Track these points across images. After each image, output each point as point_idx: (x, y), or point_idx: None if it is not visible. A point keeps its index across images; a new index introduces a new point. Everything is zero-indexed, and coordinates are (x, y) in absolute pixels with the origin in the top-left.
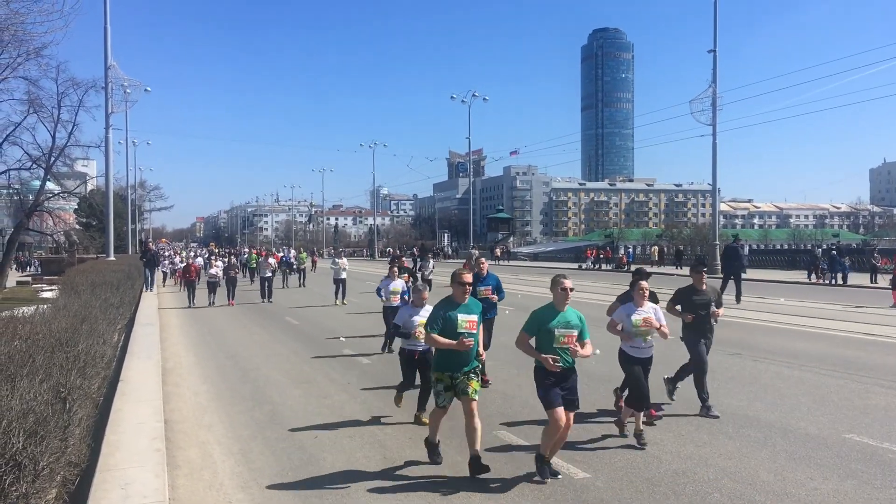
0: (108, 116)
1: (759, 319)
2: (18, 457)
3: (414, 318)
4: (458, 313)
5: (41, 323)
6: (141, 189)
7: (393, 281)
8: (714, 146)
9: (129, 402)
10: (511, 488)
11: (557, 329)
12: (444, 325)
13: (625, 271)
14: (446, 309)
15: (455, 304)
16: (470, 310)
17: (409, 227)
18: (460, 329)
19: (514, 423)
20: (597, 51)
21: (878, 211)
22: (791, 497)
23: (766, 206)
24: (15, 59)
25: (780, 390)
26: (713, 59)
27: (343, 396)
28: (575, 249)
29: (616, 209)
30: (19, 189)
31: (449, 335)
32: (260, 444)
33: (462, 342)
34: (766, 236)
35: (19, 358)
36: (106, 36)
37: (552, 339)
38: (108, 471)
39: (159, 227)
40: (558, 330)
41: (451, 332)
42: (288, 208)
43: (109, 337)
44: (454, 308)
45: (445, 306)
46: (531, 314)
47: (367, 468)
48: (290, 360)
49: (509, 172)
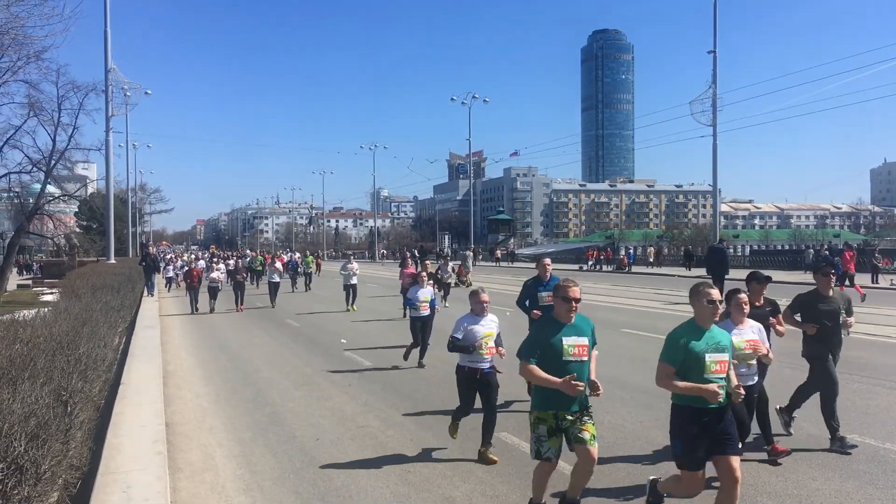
0: (109, 119)
1: None
2: (20, 460)
3: (475, 329)
4: (564, 336)
5: (42, 326)
6: (141, 192)
7: (422, 288)
8: (714, 147)
9: (131, 405)
10: (512, 490)
11: (708, 354)
12: (544, 353)
13: (625, 272)
14: (547, 331)
15: (558, 325)
16: (579, 331)
17: (410, 229)
18: (566, 356)
19: (516, 425)
20: (597, 52)
21: (879, 211)
22: (793, 497)
23: (767, 207)
24: (15, 63)
25: (781, 391)
26: (713, 60)
27: (344, 398)
28: (576, 251)
29: (616, 210)
30: (20, 192)
31: (551, 365)
32: (261, 447)
33: (569, 383)
34: (767, 237)
35: (20, 361)
36: (106, 39)
37: (702, 368)
38: (110, 473)
39: (160, 230)
40: (709, 355)
41: (555, 360)
42: (288, 210)
43: (110, 340)
44: (557, 329)
45: (545, 327)
46: (668, 337)
47: (369, 470)
48: (291, 363)
49: (510, 174)
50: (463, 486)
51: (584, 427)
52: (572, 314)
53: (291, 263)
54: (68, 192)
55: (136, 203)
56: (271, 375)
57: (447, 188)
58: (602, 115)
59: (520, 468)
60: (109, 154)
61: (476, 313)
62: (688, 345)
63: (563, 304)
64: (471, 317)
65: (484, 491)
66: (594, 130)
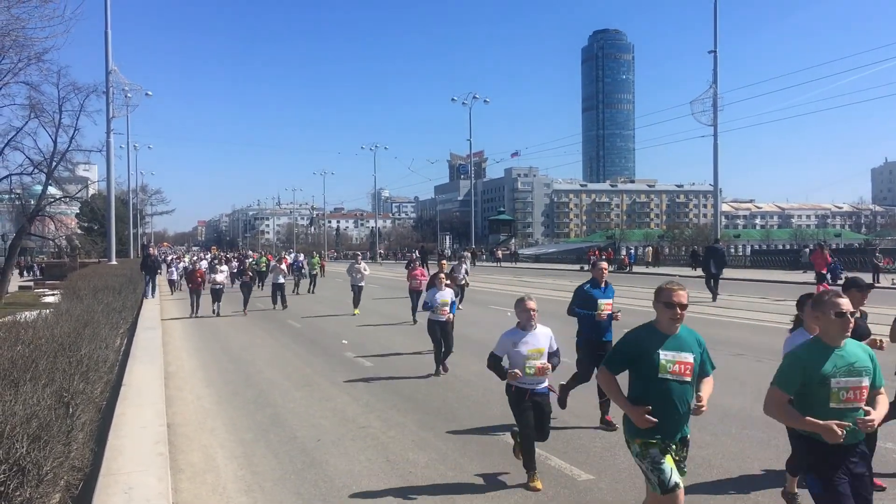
0: (110, 121)
1: (761, 320)
2: (22, 462)
3: (520, 349)
4: (663, 350)
5: (44, 328)
6: (142, 193)
7: (440, 290)
8: (715, 147)
9: (132, 407)
10: (514, 491)
11: (835, 379)
12: (636, 366)
13: (627, 272)
14: (642, 340)
15: (659, 336)
16: (683, 345)
17: (411, 230)
18: (663, 373)
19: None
20: (597, 52)
21: (880, 210)
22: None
23: (768, 207)
24: (16, 65)
25: None
26: (714, 60)
27: (345, 399)
28: (577, 251)
29: (617, 210)
30: (21, 194)
31: (644, 382)
32: (262, 448)
33: (641, 414)
34: (769, 236)
35: (22, 363)
36: (107, 41)
37: (827, 395)
38: (112, 475)
39: (161, 231)
40: (837, 380)
41: (649, 377)
42: (289, 211)
43: (112, 341)
44: (656, 340)
45: (641, 336)
46: (786, 357)
47: (370, 471)
48: (292, 364)
49: (510, 174)
50: (464, 487)
51: (683, 465)
52: (677, 324)
53: (296, 264)
54: (69, 194)
55: (137, 204)
56: (272, 376)
57: (448, 188)
58: (603, 115)
59: (521, 468)
60: (110, 155)
61: (522, 326)
62: (809, 367)
63: (665, 310)
64: (516, 332)
65: (485, 491)
66: (595, 130)
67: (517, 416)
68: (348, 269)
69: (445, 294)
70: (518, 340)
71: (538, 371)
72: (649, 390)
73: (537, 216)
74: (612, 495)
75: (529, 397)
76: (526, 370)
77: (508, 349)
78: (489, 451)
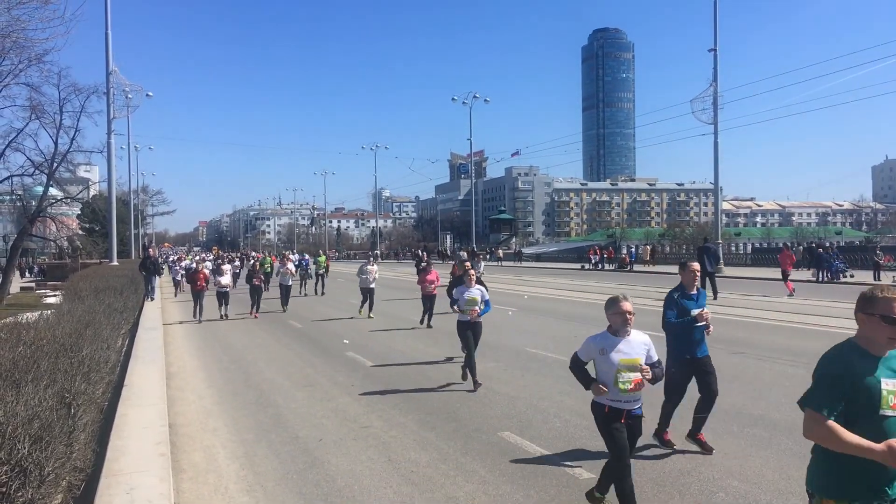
0: (111, 122)
1: (761, 318)
2: (24, 462)
3: (611, 357)
4: (884, 377)
5: (45, 328)
6: (143, 194)
7: (469, 288)
8: (716, 145)
9: (134, 407)
10: (515, 489)
11: (889, 381)
12: (850, 402)
13: (627, 271)
14: (853, 366)
15: (869, 359)
16: None
17: (412, 230)
18: (885, 408)
19: (519, 425)
20: (597, 51)
21: (881, 208)
22: (796, 496)
23: (769, 205)
24: (17, 66)
25: (785, 389)
26: (714, 58)
27: (347, 399)
28: (577, 249)
29: (618, 209)
30: (22, 195)
31: (859, 420)
32: (264, 448)
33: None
34: (769, 234)
35: (24, 364)
36: (107, 42)
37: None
38: (114, 475)
39: (162, 232)
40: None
41: (867, 414)
42: (290, 211)
43: (113, 342)
44: (870, 365)
45: (850, 360)
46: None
47: (372, 471)
48: (294, 364)
49: (511, 173)
50: (466, 486)
51: None
52: None
53: (304, 262)
54: (70, 195)
55: (138, 205)
56: (274, 377)
57: (449, 188)
58: (603, 113)
59: (522, 467)
60: (111, 156)
61: (615, 331)
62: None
63: (881, 327)
64: (606, 337)
65: (487, 490)
66: (595, 129)
67: (609, 441)
68: (359, 270)
69: (474, 292)
70: (609, 347)
71: (634, 386)
72: (863, 432)
73: (538, 215)
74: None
75: (626, 420)
76: (619, 385)
77: (594, 355)
78: (491, 451)
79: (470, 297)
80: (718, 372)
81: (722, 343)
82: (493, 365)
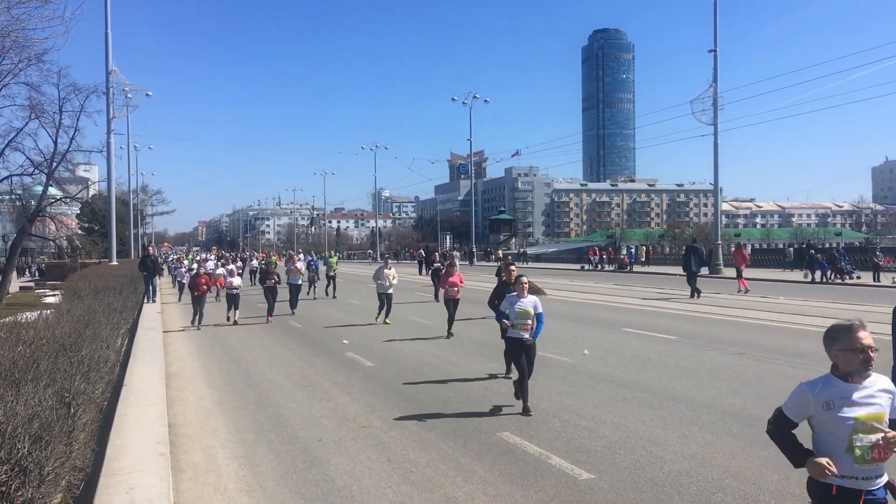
0: (110, 121)
1: (761, 318)
2: (24, 462)
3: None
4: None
5: (45, 328)
6: (143, 194)
7: (522, 298)
8: (715, 146)
9: (134, 407)
10: (515, 489)
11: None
12: None
13: (627, 272)
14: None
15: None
16: None
17: (411, 230)
18: None
19: (519, 425)
20: (597, 51)
21: (881, 209)
22: (796, 496)
23: (769, 206)
24: (16, 65)
25: (785, 389)
26: (714, 59)
27: (346, 399)
28: (577, 250)
29: (618, 210)
30: (21, 195)
31: None
32: (264, 448)
33: None
34: (769, 235)
35: (23, 363)
36: (107, 41)
37: None
38: (113, 475)
39: (161, 232)
40: None
41: None
42: (290, 211)
43: (113, 341)
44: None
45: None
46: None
47: (371, 471)
48: (294, 364)
49: (511, 174)
50: (465, 487)
51: None
52: None
53: (314, 264)
54: (70, 194)
55: (137, 205)
56: (274, 377)
57: (448, 188)
58: (603, 114)
59: (522, 468)
60: (111, 156)
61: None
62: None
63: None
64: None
65: (486, 491)
66: (595, 130)
67: None
68: (375, 273)
69: (526, 303)
70: (837, 399)
71: (878, 454)
72: None
73: (538, 216)
74: (612, 495)
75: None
76: (854, 450)
77: (813, 411)
78: (490, 451)
79: (522, 308)
80: (718, 372)
81: (722, 344)
82: (493, 365)
